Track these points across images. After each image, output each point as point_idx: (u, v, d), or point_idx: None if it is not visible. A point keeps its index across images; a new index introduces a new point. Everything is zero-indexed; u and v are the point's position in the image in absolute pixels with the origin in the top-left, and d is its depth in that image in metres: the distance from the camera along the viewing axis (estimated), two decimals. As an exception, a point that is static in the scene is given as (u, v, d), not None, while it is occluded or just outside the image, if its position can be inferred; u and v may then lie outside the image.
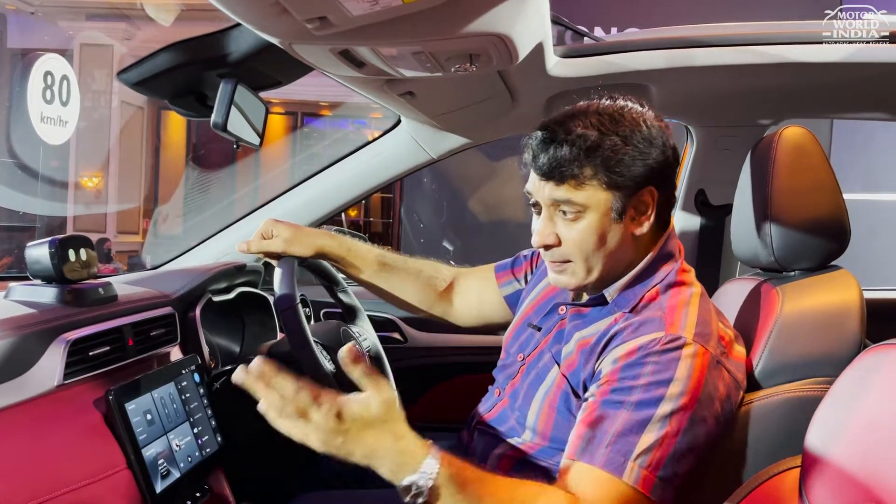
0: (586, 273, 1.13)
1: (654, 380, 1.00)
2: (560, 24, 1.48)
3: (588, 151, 1.07)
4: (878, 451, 0.74)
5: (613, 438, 0.98)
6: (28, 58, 7.19)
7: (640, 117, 1.12)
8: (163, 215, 10.06)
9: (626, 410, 0.99)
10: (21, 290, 1.19)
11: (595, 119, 1.10)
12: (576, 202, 1.09)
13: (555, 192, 1.10)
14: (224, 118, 1.33)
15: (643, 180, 1.10)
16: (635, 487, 0.96)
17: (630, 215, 1.12)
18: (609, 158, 1.08)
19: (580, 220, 1.10)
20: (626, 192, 1.10)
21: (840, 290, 1.21)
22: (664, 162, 1.12)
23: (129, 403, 1.13)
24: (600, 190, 1.09)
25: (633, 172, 1.09)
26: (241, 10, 0.97)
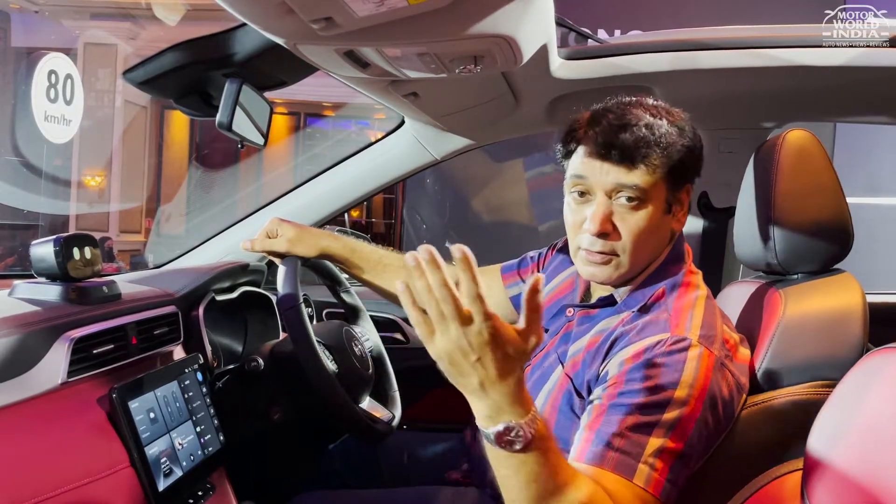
0: (631, 266, 1.12)
1: (660, 382, 1.00)
2: (564, 27, 1.48)
3: (662, 137, 1.08)
4: (881, 455, 0.74)
5: (623, 441, 0.97)
6: (32, 57, 7.20)
7: (682, 115, 1.14)
8: (166, 214, 10.06)
9: (634, 413, 0.99)
10: (25, 287, 1.19)
11: (656, 110, 1.11)
12: (643, 187, 1.08)
13: (624, 176, 1.08)
14: (229, 118, 1.33)
15: (688, 176, 1.12)
16: (646, 489, 0.95)
17: (674, 210, 1.13)
18: (673, 147, 1.09)
19: (641, 208, 1.09)
20: (676, 186, 1.11)
21: (843, 293, 1.21)
22: (700, 159, 1.14)
23: (132, 402, 1.13)
24: (660, 179, 1.09)
25: (684, 166, 1.10)
26: (247, 10, 0.97)
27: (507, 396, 0.84)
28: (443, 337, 0.82)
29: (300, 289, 1.35)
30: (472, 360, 0.82)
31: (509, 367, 0.83)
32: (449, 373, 0.85)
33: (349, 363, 1.42)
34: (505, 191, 4.88)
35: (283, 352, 1.39)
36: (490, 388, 0.84)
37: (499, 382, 0.83)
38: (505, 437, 0.84)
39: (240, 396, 1.39)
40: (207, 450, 1.28)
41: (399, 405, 1.60)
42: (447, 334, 0.81)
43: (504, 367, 0.82)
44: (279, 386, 1.37)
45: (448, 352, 0.82)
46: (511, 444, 0.84)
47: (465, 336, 0.81)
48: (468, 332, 0.81)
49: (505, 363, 0.82)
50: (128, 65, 1.36)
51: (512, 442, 0.84)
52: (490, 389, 0.84)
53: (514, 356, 0.83)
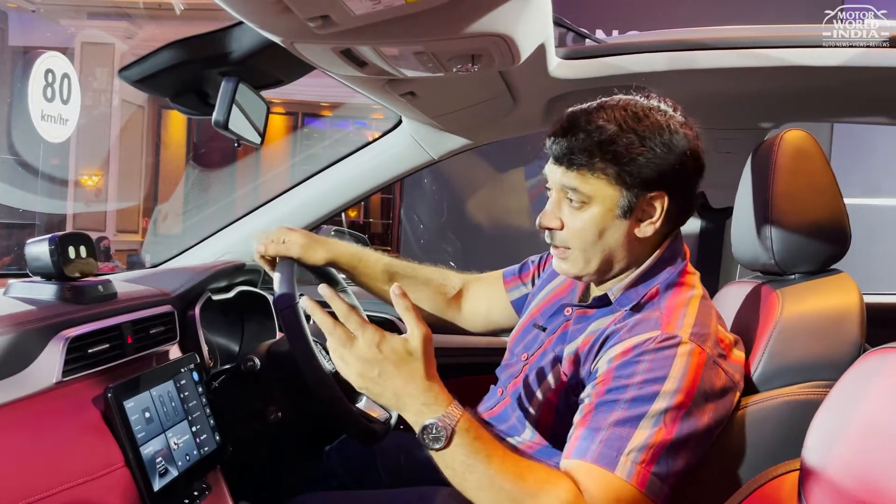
0: (584, 263, 1.15)
1: (648, 377, 1.00)
2: (562, 26, 1.48)
3: (602, 144, 1.08)
4: (877, 455, 0.74)
5: (606, 434, 0.98)
6: (29, 56, 7.19)
7: (665, 121, 1.11)
8: (162, 214, 10.05)
9: (621, 408, 0.99)
10: (20, 286, 1.18)
11: (619, 114, 1.11)
12: (582, 191, 1.10)
13: (564, 177, 1.12)
14: (225, 116, 1.33)
15: (654, 184, 1.10)
16: (630, 483, 0.96)
17: (636, 216, 1.12)
18: (621, 155, 1.08)
19: (584, 210, 1.11)
20: (634, 192, 1.10)
21: (840, 293, 1.21)
22: (681, 170, 1.11)
23: (127, 401, 1.12)
24: (608, 184, 1.09)
25: (644, 174, 1.09)
26: (244, 8, 0.97)
27: (419, 397, 0.93)
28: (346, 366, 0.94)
29: (297, 289, 1.35)
30: (376, 375, 0.93)
31: (410, 369, 0.93)
32: (371, 396, 0.95)
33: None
34: (503, 192, 4.88)
35: (280, 352, 1.39)
36: (403, 393, 0.93)
37: (408, 385, 0.93)
38: (427, 437, 0.92)
39: (236, 396, 1.39)
40: (203, 450, 1.27)
41: (396, 405, 1.59)
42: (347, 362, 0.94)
43: (404, 369, 0.93)
44: (276, 386, 1.37)
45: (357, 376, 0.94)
46: (436, 440, 0.92)
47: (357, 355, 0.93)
48: (358, 347, 0.93)
49: (403, 364, 0.93)
50: (124, 64, 1.35)
51: (436, 438, 0.92)
52: (404, 395, 0.93)
53: (407, 353, 0.93)
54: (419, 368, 0.93)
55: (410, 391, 0.93)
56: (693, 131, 1.14)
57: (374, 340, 0.93)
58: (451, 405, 0.94)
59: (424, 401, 0.93)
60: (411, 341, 0.94)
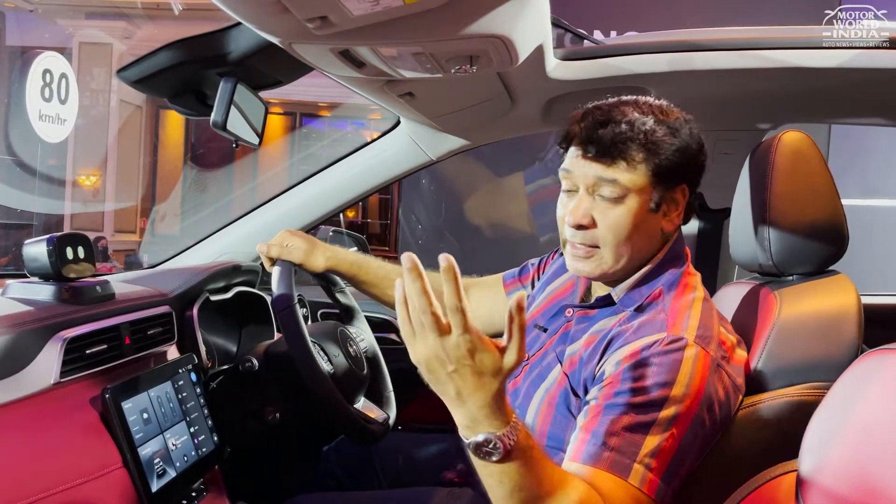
0: (614, 261, 1.13)
1: (656, 381, 1.00)
2: (560, 27, 1.48)
3: (644, 134, 1.09)
4: (875, 456, 0.74)
5: (618, 441, 0.97)
6: (27, 56, 7.18)
7: (686, 118, 1.14)
8: (160, 214, 10.04)
9: (630, 413, 0.99)
10: (18, 287, 1.18)
11: (647, 108, 1.12)
12: (622, 183, 1.09)
13: (603, 171, 1.10)
14: (224, 117, 1.33)
15: (681, 176, 1.12)
16: (640, 489, 0.95)
17: (664, 210, 1.13)
18: (660, 145, 1.09)
19: (620, 204, 1.10)
20: (665, 185, 1.11)
21: (838, 294, 1.21)
22: (701, 164, 1.14)
23: (125, 402, 1.12)
24: (645, 176, 1.10)
25: (676, 166, 1.10)
26: (242, 9, 0.97)
27: (483, 409, 0.85)
28: (421, 343, 0.84)
29: (295, 289, 1.35)
30: (449, 371, 0.84)
31: (485, 382, 0.84)
32: (427, 379, 0.87)
33: (344, 364, 1.42)
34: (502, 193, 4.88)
35: (278, 352, 1.39)
36: (467, 398, 0.85)
37: (475, 394, 0.85)
38: (483, 449, 0.86)
39: (234, 397, 1.38)
40: (201, 450, 1.27)
41: (394, 406, 1.59)
42: (425, 342, 0.83)
43: (480, 382, 0.84)
44: (274, 386, 1.36)
45: (425, 358, 0.84)
46: (489, 455, 0.86)
47: (442, 346, 0.83)
48: (445, 343, 0.83)
49: (481, 377, 0.84)
50: (122, 64, 1.35)
51: (490, 453, 0.86)
52: (467, 400, 0.85)
53: (491, 372, 0.84)
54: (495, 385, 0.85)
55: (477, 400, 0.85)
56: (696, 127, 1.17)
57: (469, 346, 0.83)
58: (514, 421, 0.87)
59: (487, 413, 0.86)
60: (506, 362, 0.85)
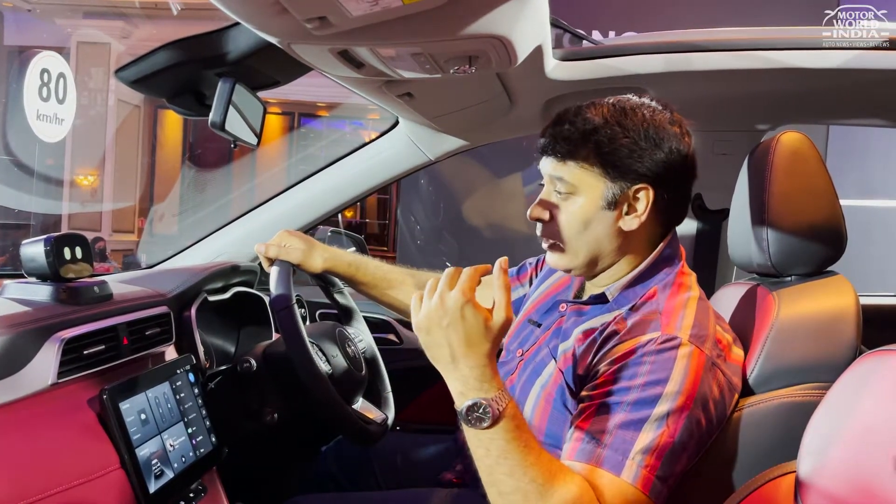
0: (572, 255, 1.17)
1: (650, 379, 1.00)
2: (559, 27, 1.48)
3: (586, 133, 1.12)
4: (874, 457, 0.74)
5: (611, 438, 0.98)
6: (25, 55, 7.17)
7: (652, 117, 1.13)
8: (158, 214, 10.04)
9: (624, 410, 0.99)
10: (16, 287, 1.18)
11: (607, 109, 1.14)
12: (567, 181, 1.13)
13: (551, 167, 1.15)
14: (222, 117, 1.32)
15: (638, 176, 1.12)
16: (635, 486, 0.96)
17: (621, 208, 1.13)
18: (603, 144, 1.11)
19: (570, 200, 1.14)
20: (619, 184, 1.12)
21: (836, 295, 1.21)
22: (666, 165, 1.12)
23: (123, 403, 1.12)
24: (592, 175, 1.12)
25: (627, 165, 1.11)
26: (241, 9, 0.96)
27: (475, 370, 0.93)
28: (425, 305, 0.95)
29: (293, 289, 1.35)
30: (444, 325, 0.93)
31: (477, 340, 0.93)
32: (426, 345, 0.96)
33: (342, 364, 1.42)
34: (500, 193, 4.88)
35: (276, 353, 1.39)
36: (460, 359, 0.94)
37: (468, 354, 0.93)
38: (474, 413, 0.93)
39: (232, 397, 1.38)
40: (199, 451, 1.27)
41: (392, 406, 1.59)
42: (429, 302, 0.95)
43: (472, 338, 0.93)
44: (272, 387, 1.36)
45: (426, 316, 0.95)
46: (480, 420, 0.93)
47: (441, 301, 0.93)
48: (445, 297, 0.93)
49: (473, 334, 0.93)
50: (120, 63, 1.35)
51: (480, 419, 0.93)
52: (460, 361, 0.94)
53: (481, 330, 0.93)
54: (486, 346, 0.94)
55: (469, 362, 0.93)
56: (682, 129, 1.16)
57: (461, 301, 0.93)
58: (503, 390, 0.95)
59: (479, 376, 0.93)
60: (495, 319, 0.94)
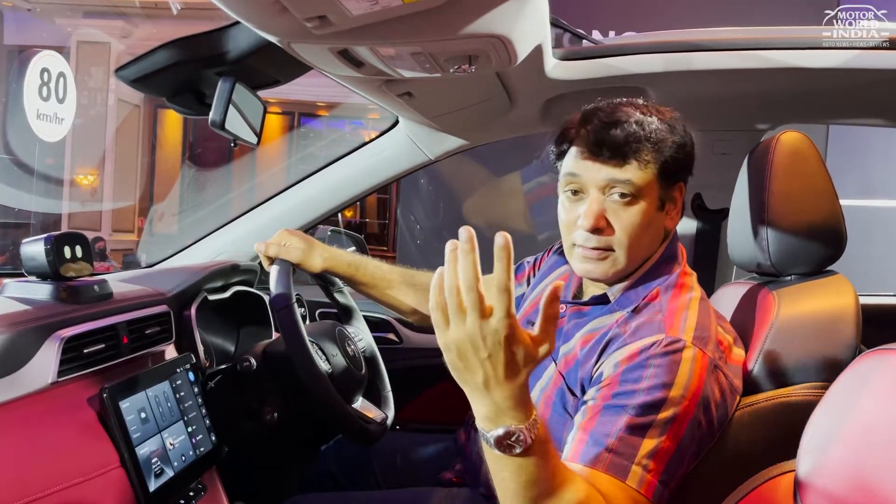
0: (627, 262, 1.13)
1: (655, 383, 1.00)
2: (558, 27, 1.48)
3: (652, 133, 1.09)
4: (873, 456, 0.74)
5: (616, 442, 0.97)
6: (25, 54, 7.18)
7: (675, 115, 1.15)
8: (158, 214, 10.03)
9: (628, 414, 0.99)
10: (16, 286, 1.18)
11: (645, 108, 1.12)
12: (635, 183, 1.09)
13: (616, 172, 1.09)
14: (222, 116, 1.32)
15: (680, 174, 1.13)
16: (639, 491, 0.95)
17: (667, 208, 1.14)
18: (663, 144, 1.10)
19: (634, 204, 1.10)
20: (668, 183, 1.12)
21: (836, 295, 1.21)
22: (692, 161, 1.15)
23: (123, 401, 1.12)
24: (652, 175, 1.10)
25: (677, 164, 1.11)
26: (241, 8, 0.96)
27: (509, 399, 0.83)
28: (457, 327, 0.80)
29: (293, 288, 1.35)
30: (483, 357, 0.80)
31: (516, 371, 0.82)
32: (454, 366, 0.83)
33: (342, 363, 1.42)
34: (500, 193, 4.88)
35: (276, 352, 1.39)
36: (494, 388, 0.82)
37: (504, 384, 0.82)
38: (505, 441, 0.83)
39: (232, 396, 1.38)
40: (199, 450, 1.27)
41: (392, 406, 1.59)
42: (462, 325, 0.79)
43: (511, 370, 0.81)
44: (272, 386, 1.36)
45: (458, 343, 0.80)
46: (511, 448, 0.83)
47: (480, 330, 0.79)
48: (484, 327, 0.79)
49: (513, 366, 0.81)
50: (120, 63, 1.35)
51: (512, 446, 0.83)
52: (494, 389, 0.82)
53: (522, 361, 0.81)
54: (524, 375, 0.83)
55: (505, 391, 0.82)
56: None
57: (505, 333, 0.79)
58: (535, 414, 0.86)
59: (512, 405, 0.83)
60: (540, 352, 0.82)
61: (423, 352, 2.11)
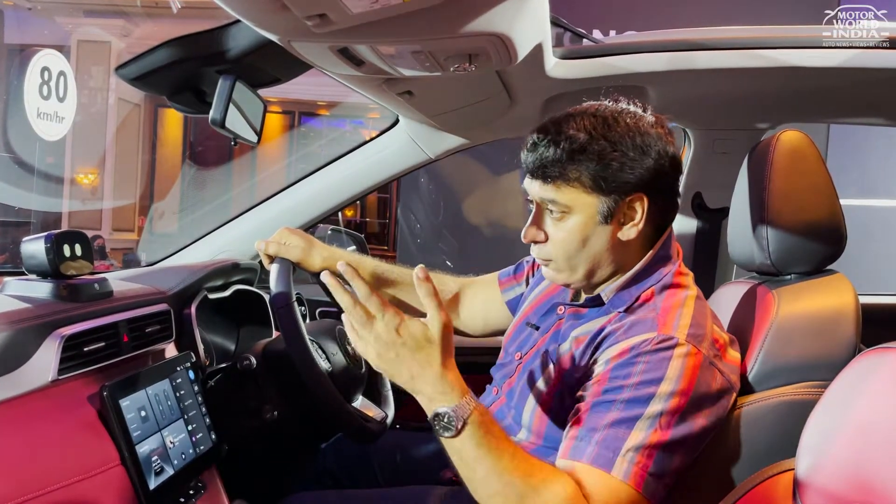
0: (570, 272, 1.15)
1: (644, 378, 1.00)
2: (559, 26, 1.48)
3: (573, 153, 1.08)
4: (872, 455, 0.74)
5: (602, 436, 0.98)
6: (25, 53, 7.18)
7: (636, 123, 1.10)
8: (159, 212, 10.03)
9: (616, 408, 1.00)
10: (16, 284, 1.18)
11: (588, 122, 1.10)
12: (560, 202, 1.10)
13: (542, 190, 1.12)
14: (222, 115, 1.32)
15: (631, 187, 1.09)
16: (626, 483, 0.96)
17: (618, 220, 1.11)
18: (594, 162, 1.08)
19: (565, 220, 1.11)
20: (613, 198, 1.09)
21: (836, 294, 1.21)
22: (657, 171, 1.10)
23: (123, 400, 1.12)
24: (585, 193, 1.09)
25: (620, 178, 1.08)
26: (241, 7, 0.96)
27: (434, 385, 0.95)
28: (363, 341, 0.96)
29: (293, 287, 1.35)
30: (392, 357, 0.94)
31: (426, 355, 0.95)
32: (385, 371, 0.97)
33: (342, 362, 1.42)
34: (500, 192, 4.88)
35: (276, 350, 1.39)
36: (418, 378, 0.95)
37: (424, 372, 0.94)
38: (440, 423, 0.94)
39: (232, 395, 1.38)
40: (199, 448, 1.27)
41: (392, 404, 1.59)
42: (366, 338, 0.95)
43: (421, 356, 0.94)
44: (272, 385, 1.36)
45: (374, 353, 0.95)
46: (446, 429, 0.94)
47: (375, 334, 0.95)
48: (377, 328, 0.95)
49: (420, 351, 0.94)
50: (121, 62, 1.35)
51: (447, 427, 0.94)
52: (418, 380, 0.95)
53: (424, 341, 0.95)
54: (436, 355, 0.95)
55: (426, 377, 0.95)
56: (665, 129, 1.14)
57: (394, 324, 0.94)
58: (466, 396, 0.95)
59: (440, 389, 0.95)
60: (431, 328, 0.95)
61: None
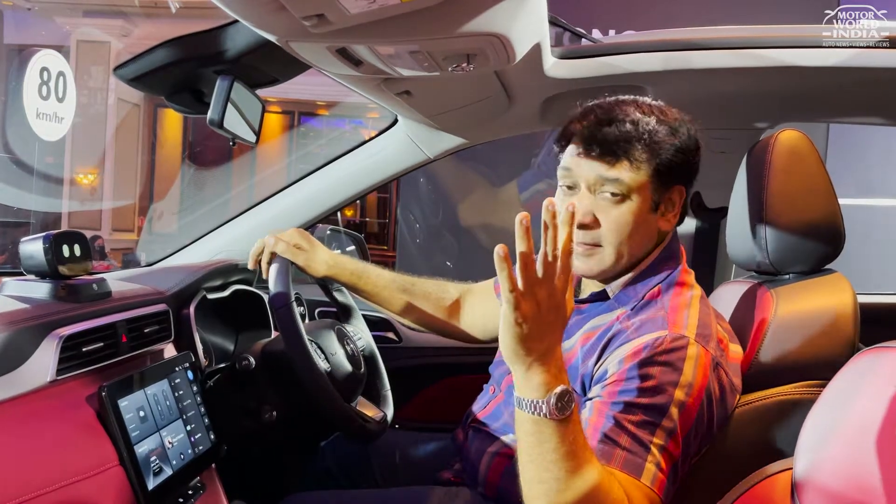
0: (615, 260, 1.13)
1: (661, 381, 1.00)
2: (558, 26, 1.48)
3: (648, 134, 1.08)
4: (870, 454, 0.74)
5: (628, 440, 0.98)
6: (24, 54, 7.18)
7: (682, 115, 1.14)
8: (158, 212, 10.03)
9: (637, 412, 0.99)
10: (14, 284, 1.18)
11: (648, 108, 1.11)
12: (624, 182, 1.08)
13: (606, 170, 1.09)
14: (220, 115, 1.32)
15: (679, 177, 1.12)
16: (652, 488, 0.96)
17: (661, 210, 1.13)
18: (661, 146, 1.09)
19: (623, 203, 1.10)
20: (664, 185, 1.11)
21: (834, 293, 1.21)
22: (695, 163, 1.14)
23: (121, 400, 1.12)
24: (647, 176, 1.09)
25: (674, 166, 1.10)
26: (239, 7, 0.96)
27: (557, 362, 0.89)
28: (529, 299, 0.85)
29: (292, 287, 1.35)
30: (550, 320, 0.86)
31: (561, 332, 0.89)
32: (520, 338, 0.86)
33: (341, 362, 1.42)
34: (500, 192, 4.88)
35: (275, 351, 1.39)
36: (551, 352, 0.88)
37: (555, 348, 0.89)
38: (560, 402, 0.87)
39: (231, 395, 1.38)
40: (198, 449, 1.27)
41: (391, 404, 1.59)
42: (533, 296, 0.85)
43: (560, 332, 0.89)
44: (270, 385, 1.36)
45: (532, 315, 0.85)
46: (565, 408, 0.88)
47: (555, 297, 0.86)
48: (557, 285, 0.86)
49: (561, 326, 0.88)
50: (120, 62, 1.35)
51: (566, 406, 0.88)
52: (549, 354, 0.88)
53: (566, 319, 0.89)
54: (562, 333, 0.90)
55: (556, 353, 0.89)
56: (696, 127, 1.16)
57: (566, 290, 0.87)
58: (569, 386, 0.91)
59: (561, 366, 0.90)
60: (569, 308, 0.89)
61: (422, 351, 2.11)
